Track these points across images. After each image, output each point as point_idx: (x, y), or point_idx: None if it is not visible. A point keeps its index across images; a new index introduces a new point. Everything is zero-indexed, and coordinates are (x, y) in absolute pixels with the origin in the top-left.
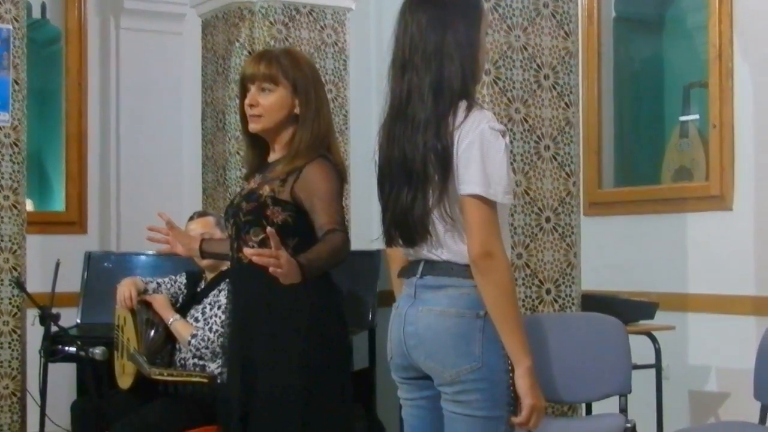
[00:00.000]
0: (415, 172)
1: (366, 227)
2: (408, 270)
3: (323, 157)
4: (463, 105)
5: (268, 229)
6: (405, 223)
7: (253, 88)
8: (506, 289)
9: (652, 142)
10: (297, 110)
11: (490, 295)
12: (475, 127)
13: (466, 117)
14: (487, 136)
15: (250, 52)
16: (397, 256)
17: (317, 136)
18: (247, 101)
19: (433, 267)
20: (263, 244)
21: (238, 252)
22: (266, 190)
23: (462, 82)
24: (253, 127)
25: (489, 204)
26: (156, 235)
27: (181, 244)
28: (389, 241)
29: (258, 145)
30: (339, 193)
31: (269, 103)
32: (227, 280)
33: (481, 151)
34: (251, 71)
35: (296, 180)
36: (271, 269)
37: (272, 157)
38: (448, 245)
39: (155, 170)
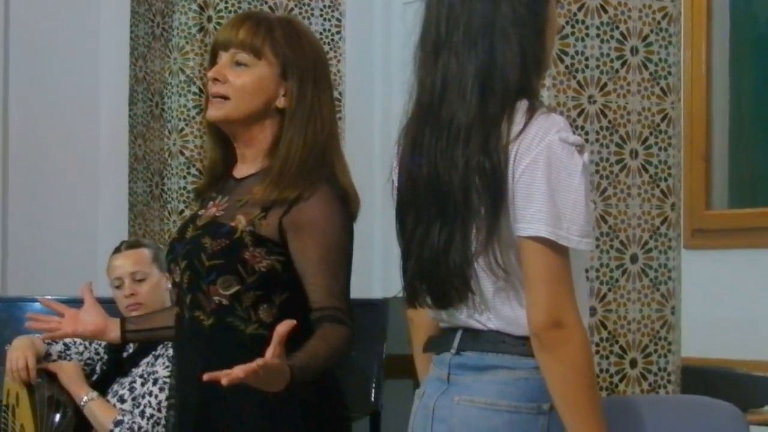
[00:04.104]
0: (452, 200)
1: (365, 270)
2: (438, 342)
3: (330, 185)
4: (522, 106)
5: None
6: (436, 275)
7: (224, 57)
8: (581, 372)
9: None
10: (280, 102)
11: (558, 380)
12: (540, 139)
13: (527, 124)
14: (556, 152)
15: (201, 7)
16: (424, 320)
17: (313, 145)
18: (210, 73)
19: (476, 339)
20: (237, 299)
21: (192, 309)
22: (241, 221)
23: (521, 73)
24: (212, 113)
25: (559, 251)
26: (42, 324)
27: (88, 320)
28: (412, 298)
29: (226, 145)
30: (349, 250)
31: (242, 82)
32: (167, 342)
33: (547, 174)
34: (226, 35)
35: (287, 212)
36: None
37: (241, 169)
38: (498, 309)
39: (59, 176)
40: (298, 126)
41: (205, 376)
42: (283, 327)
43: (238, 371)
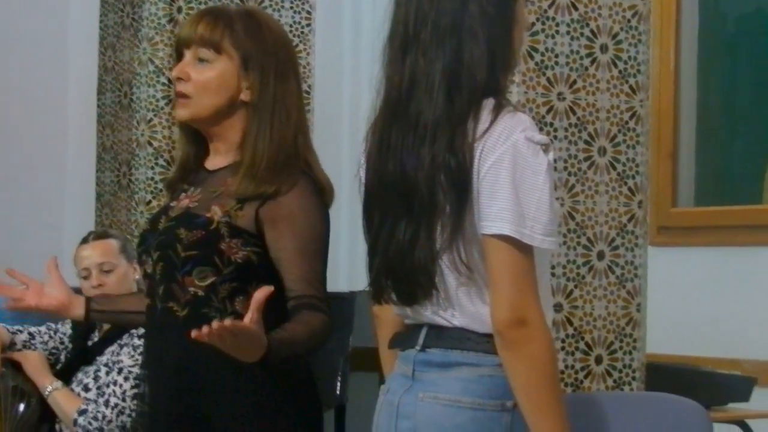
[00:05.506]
0: (417, 198)
1: (331, 263)
2: (403, 338)
3: (307, 177)
4: (488, 104)
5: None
6: (401, 271)
7: (187, 55)
8: (544, 370)
9: (753, 142)
10: (244, 96)
11: (520, 377)
12: (505, 138)
13: (492, 122)
14: (521, 150)
15: None
16: (389, 317)
17: (281, 137)
18: (174, 72)
19: (440, 336)
20: (213, 290)
21: (165, 300)
22: (217, 212)
23: (488, 71)
24: (179, 113)
25: (522, 249)
26: (5, 291)
27: (52, 295)
28: (378, 294)
29: (199, 141)
30: (325, 241)
31: (204, 78)
32: (132, 332)
33: (512, 172)
34: (186, 32)
35: (263, 203)
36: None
37: (214, 161)
38: (462, 305)
39: (25, 165)
40: (262, 118)
41: (193, 333)
42: (261, 293)
43: (215, 324)
